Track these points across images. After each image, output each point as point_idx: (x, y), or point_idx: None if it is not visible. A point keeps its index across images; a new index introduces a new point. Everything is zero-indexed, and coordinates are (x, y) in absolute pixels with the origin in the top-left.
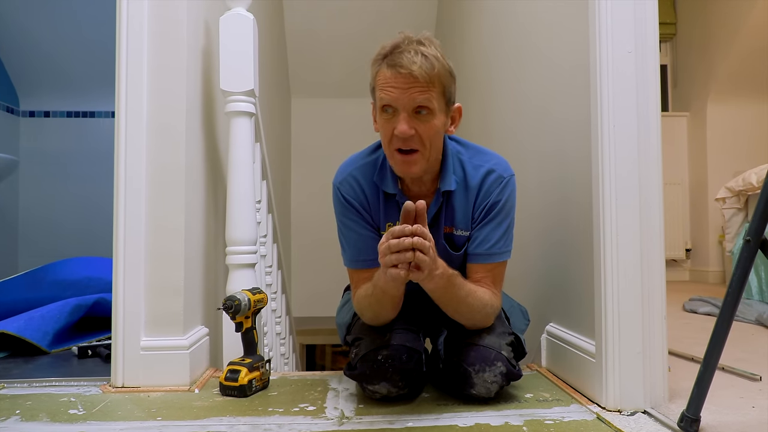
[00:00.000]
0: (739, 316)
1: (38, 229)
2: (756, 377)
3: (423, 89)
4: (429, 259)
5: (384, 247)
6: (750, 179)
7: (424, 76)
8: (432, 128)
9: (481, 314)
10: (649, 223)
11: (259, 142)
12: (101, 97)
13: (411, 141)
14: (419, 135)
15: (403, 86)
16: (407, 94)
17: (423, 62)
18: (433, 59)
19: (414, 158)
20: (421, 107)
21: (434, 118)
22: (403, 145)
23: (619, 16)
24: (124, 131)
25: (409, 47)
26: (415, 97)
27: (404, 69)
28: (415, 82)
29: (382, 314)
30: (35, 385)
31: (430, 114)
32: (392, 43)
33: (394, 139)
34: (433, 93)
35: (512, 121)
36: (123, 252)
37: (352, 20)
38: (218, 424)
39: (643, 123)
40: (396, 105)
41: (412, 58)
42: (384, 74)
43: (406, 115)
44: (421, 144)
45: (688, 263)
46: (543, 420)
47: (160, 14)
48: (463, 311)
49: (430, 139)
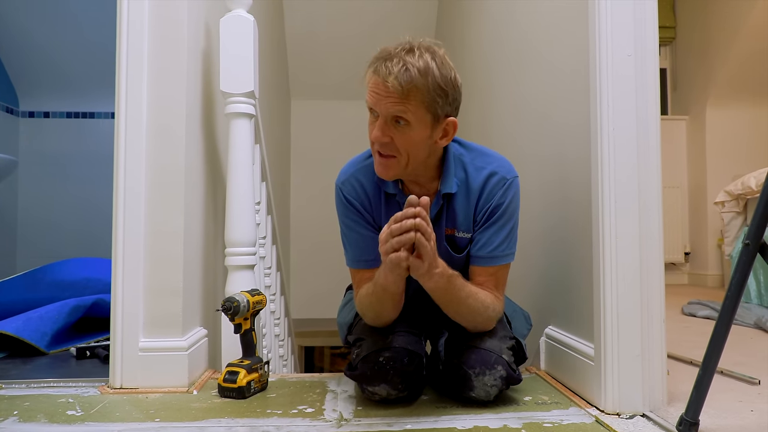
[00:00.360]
0: (738, 319)
1: (37, 229)
2: (755, 381)
3: (396, 101)
4: (429, 247)
5: (385, 234)
6: (749, 183)
7: (398, 89)
8: (408, 139)
9: (482, 317)
10: (648, 227)
11: (258, 144)
12: (101, 98)
13: (387, 147)
14: (395, 143)
15: (381, 93)
16: (384, 102)
17: (401, 74)
18: (414, 72)
19: (389, 162)
20: (397, 117)
21: (411, 130)
22: (381, 150)
23: (619, 19)
24: (124, 132)
25: (396, 55)
26: (390, 107)
27: (381, 78)
28: (389, 92)
29: (384, 314)
30: (33, 385)
31: (407, 125)
32: (390, 48)
33: (372, 141)
34: (408, 106)
35: (512, 124)
36: (122, 253)
37: (353, 22)
38: (216, 425)
39: (643, 126)
40: (377, 109)
41: (391, 68)
42: (369, 77)
43: (383, 121)
44: (395, 151)
45: (687, 267)
46: (542, 423)
47: (161, 15)
48: (464, 313)
49: (407, 149)
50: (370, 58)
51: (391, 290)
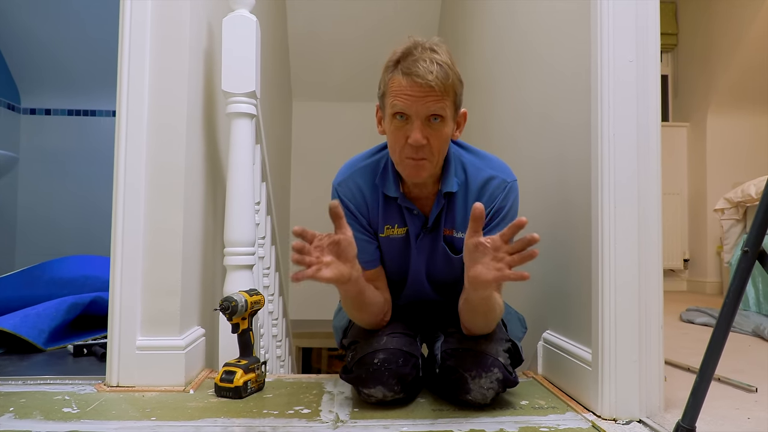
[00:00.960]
0: (736, 327)
1: (36, 226)
2: (752, 389)
3: (438, 98)
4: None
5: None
6: (749, 190)
7: (440, 86)
8: (443, 136)
9: (495, 321)
10: (647, 232)
11: (259, 144)
12: (103, 96)
13: (422, 150)
14: (430, 144)
15: (418, 94)
16: (422, 102)
17: (438, 71)
18: (447, 68)
19: (424, 164)
20: (435, 115)
21: (445, 126)
22: (415, 154)
23: (621, 25)
24: (125, 130)
25: (423, 55)
26: (430, 105)
27: (420, 78)
28: (431, 91)
29: (360, 318)
30: (30, 382)
31: (443, 122)
32: (404, 49)
33: (407, 147)
34: (447, 102)
35: (512, 126)
36: (121, 251)
37: (355, 24)
38: (212, 425)
39: (643, 132)
40: (410, 113)
41: (428, 67)
42: (398, 81)
43: (420, 123)
44: (430, 153)
45: (686, 273)
46: (538, 427)
47: (164, 15)
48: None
49: (439, 147)
50: (376, 60)
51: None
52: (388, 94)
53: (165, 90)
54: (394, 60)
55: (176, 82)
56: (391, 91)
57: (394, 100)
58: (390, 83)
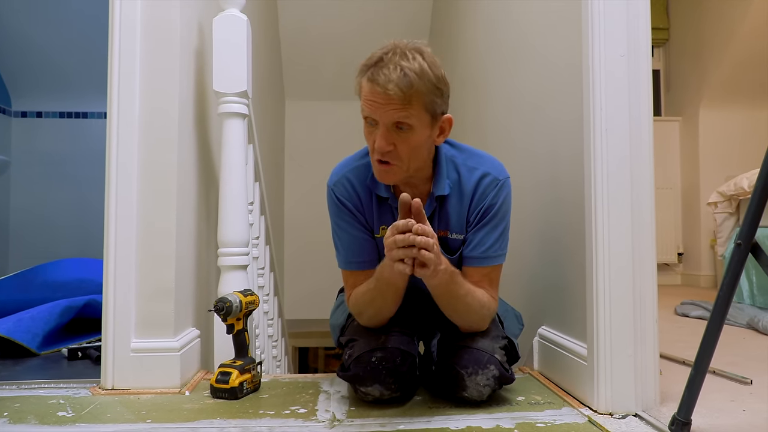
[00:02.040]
0: (731, 319)
1: (30, 230)
2: (747, 381)
3: (399, 108)
4: (434, 256)
5: (390, 242)
6: (741, 184)
7: (399, 95)
8: (410, 143)
9: (477, 315)
10: (641, 227)
11: (252, 144)
12: (94, 98)
13: (388, 155)
14: (397, 150)
15: (380, 101)
16: (384, 110)
17: (400, 80)
18: (413, 76)
19: (391, 169)
20: (400, 123)
21: (414, 134)
22: (381, 158)
23: (612, 19)
24: (116, 132)
25: (392, 61)
26: (392, 114)
27: (380, 87)
28: (391, 100)
29: (384, 309)
30: (24, 386)
31: (410, 130)
32: (379, 54)
33: (375, 150)
34: (411, 110)
35: (506, 119)
36: (114, 253)
37: (347, 21)
38: (208, 426)
39: (635, 126)
40: (375, 118)
41: (389, 75)
42: (364, 87)
43: (385, 129)
44: (398, 159)
45: (680, 267)
46: (534, 423)
47: (154, 15)
48: (461, 310)
49: (408, 154)
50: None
51: (396, 284)
52: (360, 97)
53: (156, 91)
54: (366, 64)
55: (167, 83)
56: (361, 95)
57: (362, 104)
58: (360, 87)
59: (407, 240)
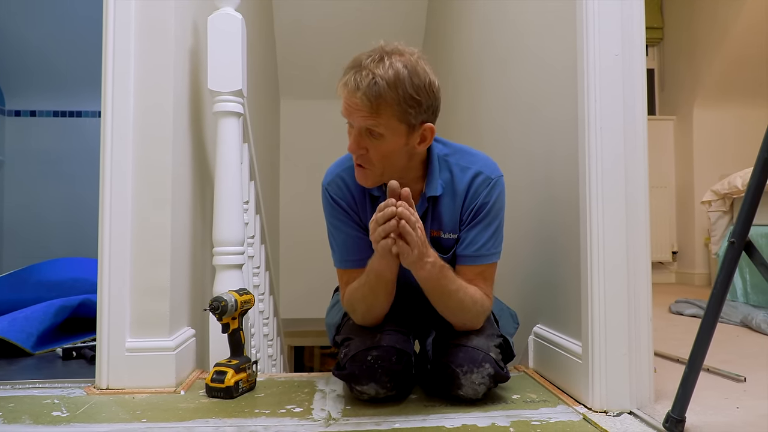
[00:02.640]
0: (724, 318)
1: (23, 229)
2: (740, 378)
3: (366, 115)
4: (416, 234)
5: (372, 224)
6: (735, 182)
7: (366, 104)
8: (381, 150)
9: (471, 312)
10: (635, 226)
11: (247, 143)
12: (88, 97)
13: (361, 158)
14: (369, 155)
15: (353, 106)
16: (355, 115)
17: (369, 89)
18: (383, 85)
19: (365, 172)
20: (369, 130)
21: (385, 142)
22: (356, 160)
23: (607, 18)
24: (110, 131)
25: (366, 67)
26: (360, 121)
27: (349, 92)
28: (358, 107)
29: (376, 305)
30: (18, 386)
31: (381, 137)
32: (361, 57)
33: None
34: (380, 119)
35: (502, 118)
36: (108, 252)
37: (342, 21)
38: (204, 425)
39: (630, 125)
40: (350, 120)
41: (360, 81)
42: (341, 89)
43: (357, 133)
44: (370, 163)
45: (674, 266)
46: (529, 421)
47: (148, 14)
48: (453, 307)
49: (380, 160)
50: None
51: (385, 277)
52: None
53: (150, 90)
54: (348, 66)
55: (162, 82)
56: (340, 97)
57: (341, 106)
58: (339, 90)
59: (385, 214)
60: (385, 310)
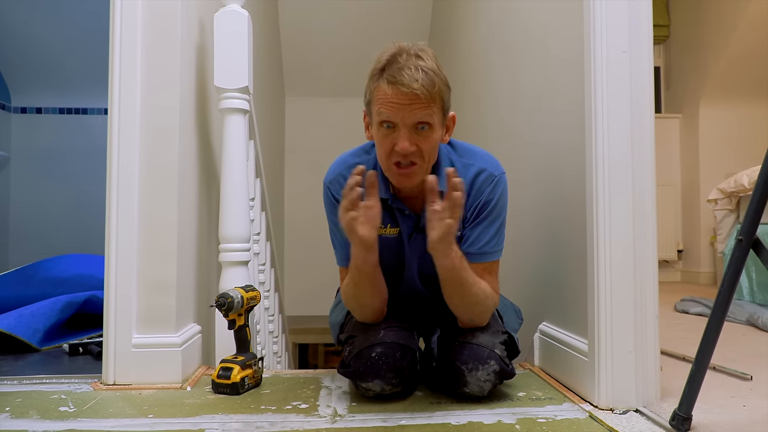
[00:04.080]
0: (730, 316)
1: (30, 226)
2: (747, 377)
3: (424, 106)
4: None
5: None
6: (742, 181)
7: (426, 94)
8: (431, 142)
9: (482, 306)
10: (642, 223)
11: (253, 140)
12: (94, 94)
13: (411, 155)
14: (420, 150)
15: (404, 102)
16: (408, 110)
17: (424, 79)
18: (432, 75)
19: (413, 170)
20: (422, 123)
21: (433, 133)
22: (403, 160)
23: (614, 16)
24: (117, 128)
25: (408, 62)
26: (416, 113)
27: (406, 87)
28: (417, 99)
29: (366, 301)
30: (25, 382)
31: (430, 129)
32: (389, 56)
33: (394, 154)
34: (434, 108)
35: (508, 115)
36: (115, 249)
37: (347, 19)
38: (210, 421)
39: (637, 124)
40: (396, 120)
41: (413, 75)
42: (383, 90)
43: (407, 131)
44: (420, 158)
45: (679, 264)
46: (535, 418)
47: (154, 11)
48: (469, 299)
49: (429, 153)
50: (366, 57)
51: (365, 270)
52: (374, 102)
53: (157, 86)
54: (379, 68)
55: (168, 79)
56: (377, 99)
57: (380, 108)
58: (375, 92)
59: (350, 183)
60: (378, 306)
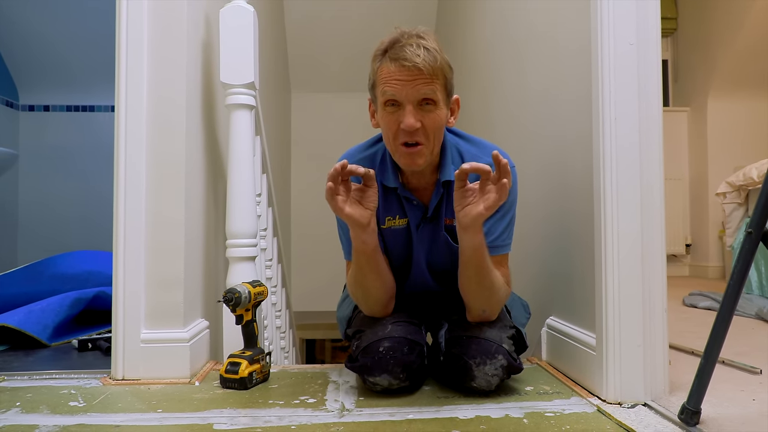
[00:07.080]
0: (740, 310)
1: (38, 223)
2: (756, 370)
3: (427, 81)
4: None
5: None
6: (750, 174)
7: (428, 69)
8: (436, 120)
9: (498, 295)
10: (650, 217)
11: (259, 135)
12: (101, 92)
13: (416, 134)
14: (424, 127)
15: (407, 78)
16: (412, 86)
17: (426, 55)
18: (434, 52)
19: (419, 150)
20: (426, 99)
21: (438, 110)
22: (409, 139)
23: (621, 8)
24: (124, 124)
25: (409, 41)
26: (420, 88)
27: (408, 62)
28: (420, 74)
29: (371, 288)
30: (35, 377)
31: (435, 106)
32: (391, 39)
33: (400, 133)
34: (437, 85)
35: (515, 107)
36: (123, 244)
37: (353, 14)
38: (218, 416)
39: (645, 115)
40: (400, 98)
41: (415, 51)
42: (387, 68)
43: (412, 107)
44: (425, 137)
45: (688, 258)
46: (543, 412)
47: (160, 7)
48: (486, 284)
49: (434, 132)
50: (372, 52)
51: (365, 252)
52: (378, 82)
53: (163, 83)
54: (382, 49)
55: (174, 75)
56: (381, 79)
57: (384, 87)
58: (379, 72)
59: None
60: (383, 296)
